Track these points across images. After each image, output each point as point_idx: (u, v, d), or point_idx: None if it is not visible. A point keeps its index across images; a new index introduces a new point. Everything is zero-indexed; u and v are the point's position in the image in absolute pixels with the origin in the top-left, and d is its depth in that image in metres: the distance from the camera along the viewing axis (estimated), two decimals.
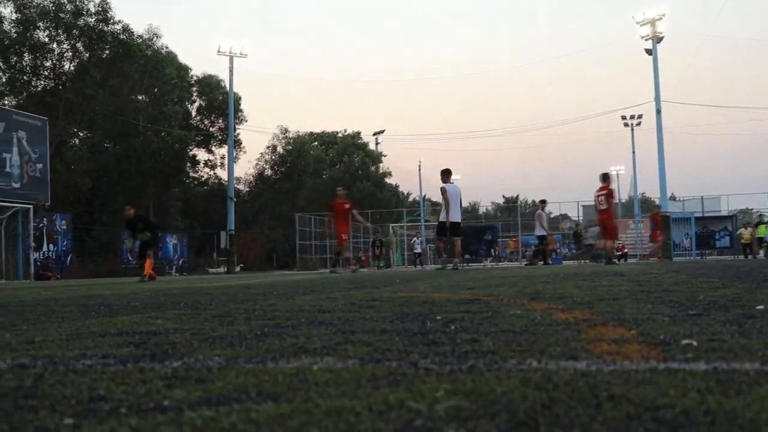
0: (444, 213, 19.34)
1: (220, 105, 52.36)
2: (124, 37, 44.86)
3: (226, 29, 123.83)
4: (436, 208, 60.54)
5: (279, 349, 2.31)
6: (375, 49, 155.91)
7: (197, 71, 54.20)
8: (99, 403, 1.50)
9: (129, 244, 19.27)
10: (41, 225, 33.08)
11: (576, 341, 2.35)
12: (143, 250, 18.84)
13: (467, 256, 37.39)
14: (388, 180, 68.91)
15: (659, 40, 36.48)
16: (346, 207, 21.45)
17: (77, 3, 43.37)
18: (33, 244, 31.41)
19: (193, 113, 55.14)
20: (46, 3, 43.06)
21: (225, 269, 40.54)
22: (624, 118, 51.06)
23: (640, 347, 2.17)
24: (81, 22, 43.65)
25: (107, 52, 44.47)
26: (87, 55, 44.35)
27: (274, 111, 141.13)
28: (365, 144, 66.07)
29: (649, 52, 36.56)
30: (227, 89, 45.90)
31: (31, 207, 30.93)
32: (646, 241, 41.47)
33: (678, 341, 2.25)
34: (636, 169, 53.05)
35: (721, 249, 40.68)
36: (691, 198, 46.36)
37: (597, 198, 20.31)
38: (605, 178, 20.71)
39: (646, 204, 56.64)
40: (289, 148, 63.39)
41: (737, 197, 47.30)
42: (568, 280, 7.59)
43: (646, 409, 1.29)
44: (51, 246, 34.22)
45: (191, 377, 1.79)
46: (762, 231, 37.19)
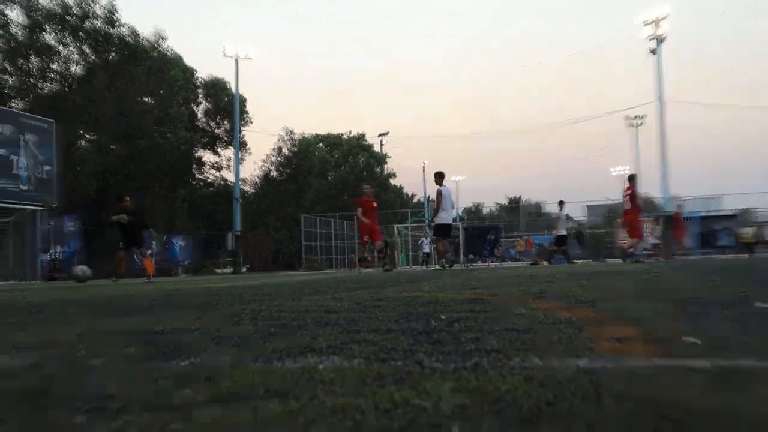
0: (442, 214, 19.10)
1: (225, 107, 52.35)
2: (130, 40, 44.96)
3: (231, 31, 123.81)
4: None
5: (285, 349, 2.31)
6: (380, 51, 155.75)
7: (203, 73, 54.25)
8: (109, 402, 1.51)
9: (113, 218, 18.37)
10: (49, 226, 33.12)
11: (579, 339, 2.35)
12: (129, 246, 18.25)
13: (470, 256, 37.34)
14: (392, 181, 68.96)
15: (662, 40, 36.46)
16: (374, 205, 20.78)
17: (84, 6, 43.46)
18: (41, 245, 31.48)
19: (199, 115, 55.12)
20: (52, 6, 43.14)
21: (231, 270, 40.52)
22: (628, 118, 51.02)
23: (642, 345, 2.18)
24: (88, 25, 43.76)
25: (114, 54, 44.56)
26: (94, 58, 44.42)
27: (279, 113, 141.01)
28: (370, 145, 66.15)
29: (653, 51, 36.53)
30: (233, 91, 45.87)
31: (39, 209, 30.97)
32: (650, 240, 41.42)
33: (680, 338, 2.25)
34: (639, 168, 52.97)
35: (724, 248, 40.69)
36: (692, 198, 46.32)
37: (624, 198, 20.54)
38: (631, 178, 20.96)
39: (648, 204, 56.51)
40: (295, 149, 63.32)
41: (738, 197, 47.53)
42: (571, 279, 7.59)
43: (649, 406, 1.30)
44: (59, 247, 34.26)
45: (200, 376, 1.80)
46: None
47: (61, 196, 34.49)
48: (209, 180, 57.54)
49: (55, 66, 44.61)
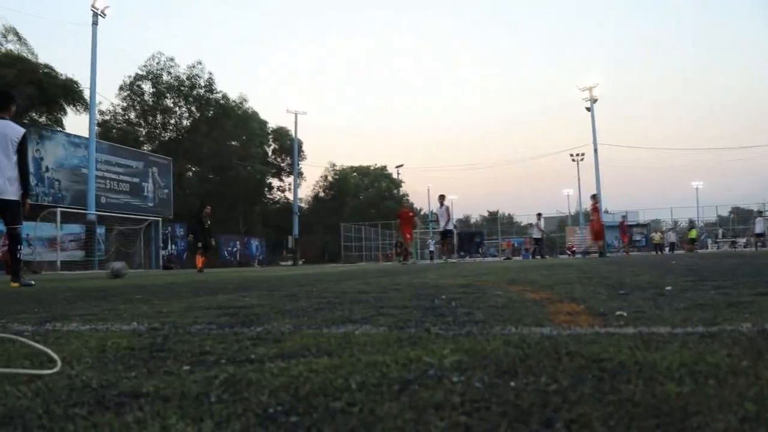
0: (448, 223, 19.86)
1: (288, 148, 52.46)
2: (223, 102, 45.34)
3: (292, 93, 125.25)
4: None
5: (331, 319, 2.30)
6: (396, 100, 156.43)
7: (272, 124, 54.47)
8: (206, 356, 1.50)
9: (190, 238, 18.43)
10: (167, 231, 33.40)
11: (542, 313, 2.32)
12: (207, 248, 18.19)
13: (461, 253, 37.21)
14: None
15: (595, 101, 36.31)
16: (410, 215, 21.05)
17: (192, 79, 43.95)
18: (161, 244, 31.78)
19: (270, 153, 55.34)
20: (170, 79, 43.67)
21: (291, 263, 40.62)
22: (571, 155, 50.68)
23: (587, 317, 2.15)
24: (195, 92, 44.23)
25: (212, 112, 44.94)
26: (198, 115, 44.84)
27: (325, 150, 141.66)
28: (390, 174, 65.82)
29: (588, 109, 36.39)
30: (293, 136, 46.14)
31: (160, 219, 31.23)
32: (589, 243, 41.33)
33: (613, 313, 2.22)
34: (580, 191, 52.67)
35: (640, 247, 40.97)
36: (619, 212, 46.22)
37: (591, 210, 20.95)
38: (593, 197, 21.34)
39: (587, 216, 56.26)
40: (336, 177, 63.49)
41: (650, 210, 47.82)
42: (533, 270, 7.53)
43: (593, 362, 1.28)
44: (173, 246, 34.53)
45: (269, 338, 1.79)
46: (693, 233, 37.08)
47: (174, 210, 34.84)
48: (276, 199, 57.73)
49: (172, 121, 45.11)
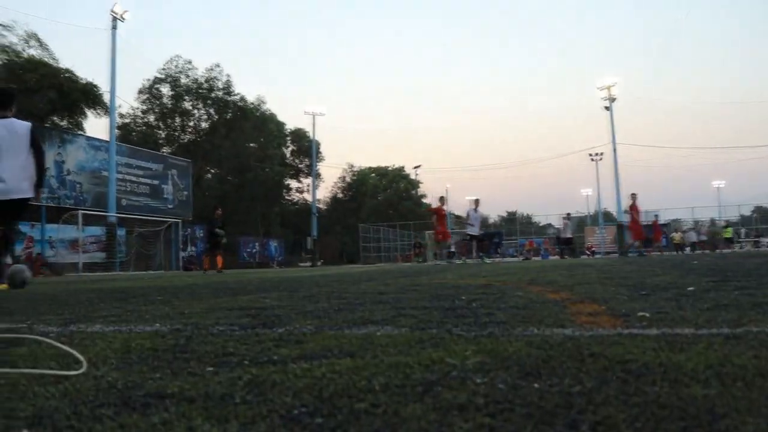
0: (473, 228, 19.29)
1: (306, 149, 52.66)
2: (241, 104, 45.62)
3: (311, 90, 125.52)
4: (458, 219, 60.08)
5: (352, 320, 2.30)
6: (413, 103, 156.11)
7: (290, 125, 54.73)
8: (229, 357, 1.51)
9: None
10: (186, 233, 33.66)
11: (563, 314, 2.30)
12: (215, 248, 18.41)
13: (480, 254, 37.22)
14: (424, 200, 68.53)
15: (613, 100, 36.03)
16: (444, 213, 20.05)
17: (210, 82, 44.31)
18: (181, 246, 32.04)
19: (288, 155, 55.59)
20: (189, 82, 44.05)
21: (310, 264, 40.75)
22: (590, 155, 50.31)
23: (609, 318, 2.13)
24: (213, 95, 44.60)
25: (230, 114, 45.24)
26: (216, 117, 45.17)
27: (343, 151, 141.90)
28: (408, 174, 65.77)
29: (607, 108, 36.12)
30: (311, 137, 46.31)
31: (180, 221, 31.49)
32: (608, 242, 40.98)
33: (635, 313, 2.20)
34: (599, 191, 52.22)
35: (661, 247, 40.38)
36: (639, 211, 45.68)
37: (629, 209, 20.33)
38: (633, 195, 20.50)
39: (607, 216, 55.82)
40: (354, 178, 63.62)
41: (670, 210, 47.14)
42: (553, 270, 7.48)
43: (617, 363, 1.27)
44: (192, 247, 34.77)
45: (291, 340, 1.79)
46: (729, 232, 36.72)
47: (194, 212, 35.11)
48: (294, 200, 58.00)
49: (191, 123, 45.49)
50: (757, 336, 1.57)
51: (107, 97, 27.48)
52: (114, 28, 26.74)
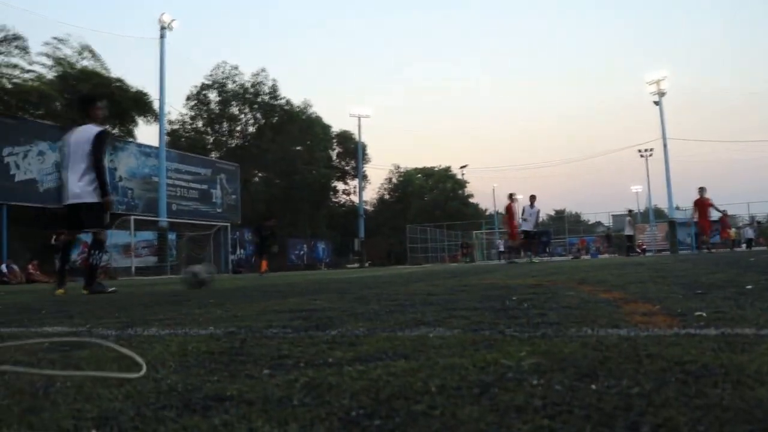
0: (528, 224, 18.70)
1: (352, 151, 52.85)
2: (287, 108, 46.14)
3: (355, 96, 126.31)
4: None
5: (404, 322, 2.30)
6: (460, 101, 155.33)
7: (336, 128, 54.94)
8: (284, 360, 1.53)
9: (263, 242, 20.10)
10: (235, 236, 34.25)
11: (617, 314, 2.26)
12: (264, 251, 19.18)
13: (528, 253, 36.82)
14: (471, 200, 67.95)
15: (663, 94, 35.14)
16: (513, 209, 19.49)
17: (256, 87, 44.95)
18: (230, 249, 32.62)
19: (334, 157, 55.83)
20: (236, 87, 44.81)
21: (358, 265, 40.93)
22: (639, 151, 49.18)
23: (664, 318, 2.08)
24: (259, 99, 45.20)
25: (276, 118, 45.79)
26: (263, 122, 45.78)
27: (390, 153, 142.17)
28: (454, 174, 65.35)
29: (656, 103, 35.25)
30: (357, 140, 46.56)
31: (229, 224, 32.08)
32: (659, 240, 39.95)
33: (692, 313, 2.15)
34: (649, 187, 50.94)
35: (715, 244, 39.25)
36: (691, 207, 44.48)
37: (703, 207, 19.42)
38: (700, 190, 19.73)
39: (658, 213, 54.38)
40: (401, 179, 63.53)
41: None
42: (603, 269, 7.35)
43: (675, 364, 1.24)
44: (241, 250, 35.35)
45: (345, 342, 1.81)
46: None
47: (242, 216, 35.71)
48: (342, 202, 58.25)
49: (238, 128, 46.21)
50: None
51: (157, 105, 28.20)
52: (162, 37, 27.48)
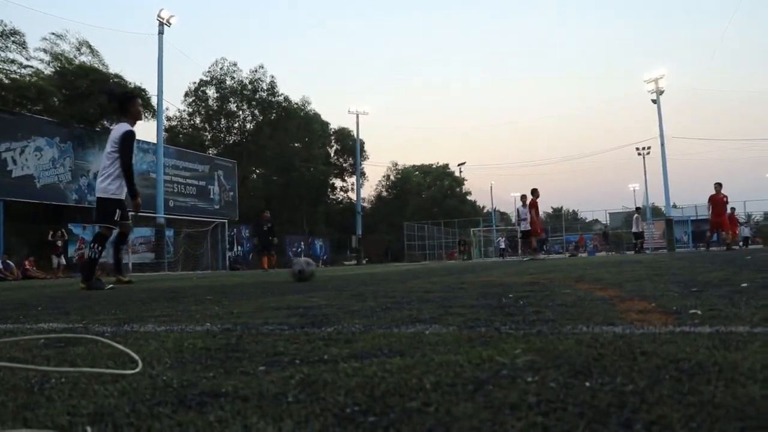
0: (526, 223, 18.77)
1: (350, 148, 52.87)
2: (285, 105, 46.09)
3: (354, 91, 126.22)
4: (503, 216, 59.44)
5: (400, 319, 2.31)
6: (457, 100, 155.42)
7: (334, 125, 54.97)
8: (280, 357, 1.54)
9: (256, 241, 20.22)
10: (232, 233, 34.24)
11: (612, 312, 2.27)
12: (268, 249, 19.24)
13: (529, 251, 37.06)
14: (468, 198, 67.97)
15: (661, 92, 35.15)
16: (537, 204, 19.30)
17: (254, 83, 44.89)
18: (228, 245, 32.62)
19: (332, 154, 55.85)
20: (234, 84, 44.74)
21: (355, 262, 40.94)
22: (637, 149, 49.23)
23: (659, 315, 2.09)
24: (257, 96, 45.14)
25: (274, 115, 45.75)
26: (261, 118, 45.74)
27: (388, 150, 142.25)
28: (452, 172, 65.38)
29: (654, 101, 35.26)
30: (355, 137, 46.56)
31: (226, 221, 32.05)
32: (656, 238, 40.08)
33: (687, 311, 2.15)
34: (647, 185, 51.09)
35: (711, 243, 39.37)
36: (688, 206, 44.78)
37: (719, 203, 19.33)
38: (716, 186, 19.61)
39: (655, 211, 54.50)
40: (398, 176, 63.58)
41: None
42: (600, 267, 7.35)
43: (670, 362, 1.25)
44: (239, 247, 35.35)
45: (341, 339, 1.81)
46: None
47: (240, 212, 35.70)
48: (339, 199, 58.29)
49: (236, 124, 46.16)
50: None
51: (155, 101, 28.13)
52: (161, 33, 27.41)
